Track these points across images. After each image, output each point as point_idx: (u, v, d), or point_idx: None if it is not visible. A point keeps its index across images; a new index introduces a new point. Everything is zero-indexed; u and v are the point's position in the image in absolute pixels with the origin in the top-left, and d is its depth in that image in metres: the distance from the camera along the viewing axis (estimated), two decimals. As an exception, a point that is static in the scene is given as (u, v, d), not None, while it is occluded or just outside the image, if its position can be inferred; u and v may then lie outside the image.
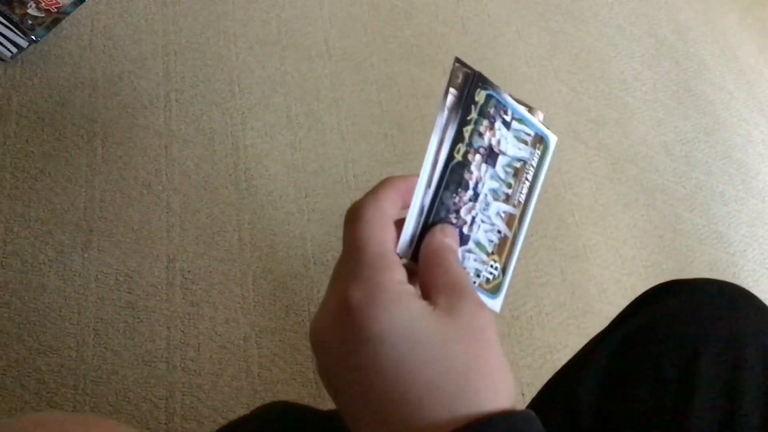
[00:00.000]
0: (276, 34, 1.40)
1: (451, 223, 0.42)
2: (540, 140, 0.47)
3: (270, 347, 1.08)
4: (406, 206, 0.41)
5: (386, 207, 0.39)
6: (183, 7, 1.28)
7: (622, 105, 2.04)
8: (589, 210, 1.73)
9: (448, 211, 0.42)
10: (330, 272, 1.21)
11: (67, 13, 1.12)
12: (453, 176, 0.41)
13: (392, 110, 1.49)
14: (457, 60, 0.42)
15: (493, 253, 0.44)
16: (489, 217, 0.44)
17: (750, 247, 2.05)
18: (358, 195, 1.31)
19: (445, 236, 0.41)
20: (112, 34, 1.17)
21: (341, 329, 0.36)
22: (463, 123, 0.42)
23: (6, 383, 0.86)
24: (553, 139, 0.48)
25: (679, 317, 0.66)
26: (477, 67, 0.43)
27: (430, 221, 0.41)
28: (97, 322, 0.95)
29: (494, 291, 0.44)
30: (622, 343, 0.67)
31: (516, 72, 1.82)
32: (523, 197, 0.46)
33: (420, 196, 0.40)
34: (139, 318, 0.99)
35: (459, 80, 0.42)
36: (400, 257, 0.39)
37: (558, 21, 2.06)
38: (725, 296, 0.67)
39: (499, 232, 0.45)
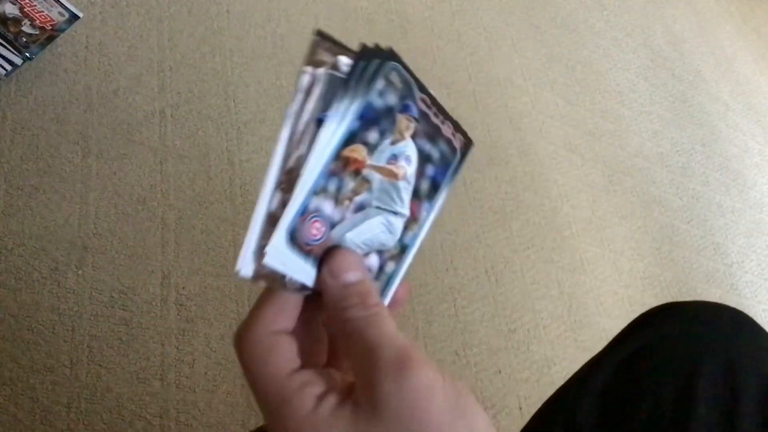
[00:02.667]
0: (271, 48, 1.40)
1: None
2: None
3: (265, 363, 1.07)
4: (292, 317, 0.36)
5: (268, 323, 0.35)
6: (178, 23, 1.29)
7: (618, 117, 2.04)
8: (586, 222, 1.72)
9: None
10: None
11: (62, 30, 1.12)
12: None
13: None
14: (319, 33, 0.36)
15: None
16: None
17: (747, 258, 2.05)
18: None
19: (335, 278, 0.35)
20: (107, 51, 1.18)
21: None
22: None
23: (-1, 402, 0.86)
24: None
25: (677, 340, 0.65)
26: (474, 82, 0.40)
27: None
28: (91, 339, 0.95)
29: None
30: (619, 365, 0.66)
31: (512, 84, 1.83)
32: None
33: (265, 201, 0.34)
34: (133, 335, 0.98)
35: (318, 57, 0.36)
36: (252, 279, 0.34)
37: (554, 34, 2.06)
38: (723, 320, 0.66)
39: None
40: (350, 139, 0.36)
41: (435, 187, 0.41)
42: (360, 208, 0.37)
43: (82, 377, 0.92)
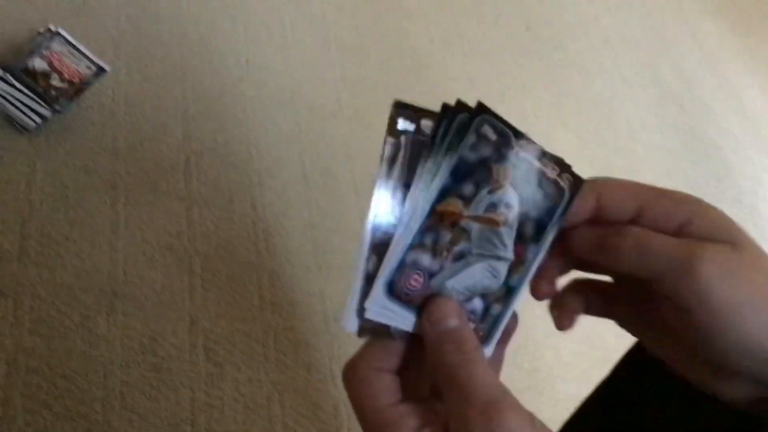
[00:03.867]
0: (290, 95, 1.43)
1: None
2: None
3: (293, 406, 1.08)
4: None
5: (371, 361, 0.38)
6: (200, 74, 1.32)
7: (630, 153, 2.06)
8: (604, 258, 1.73)
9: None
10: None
11: (89, 84, 1.15)
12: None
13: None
14: (398, 104, 0.39)
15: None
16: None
17: (767, 290, 2.04)
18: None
19: (433, 325, 0.38)
20: (133, 102, 1.21)
21: None
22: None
23: (34, 450, 0.87)
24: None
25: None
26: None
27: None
28: (123, 386, 0.96)
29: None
30: (621, 388, 0.67)
31: (524, 123, 1.84)
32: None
33: (362, 264, 0.37)
34: (163, 380, 0.99)
35: (398, 126, 0.39)
36: (358, 334, 0.37)
37: (564, 73, 2.10)
38: None
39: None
40: (444, 194, 0.38)
41: (540, 230, 0.41)
42: (460, 256, 0.39)
43: (115, 424, 0.93)
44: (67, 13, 1.22)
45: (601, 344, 1.55)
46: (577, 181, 0.42)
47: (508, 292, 0.41)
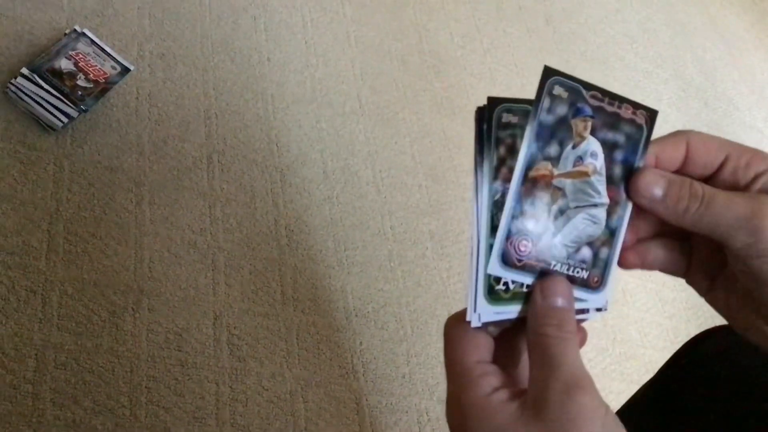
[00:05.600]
0: (311, 92, 1.44)
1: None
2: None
3: (316, 401, 1.09)
4: None
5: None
6: (222, 71, 1.33)
7: (652, 147, 2.05)
8: (626, 253, 1.72)
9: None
10: (371, 324, 1.23)
11: (114, 83, 1.17)
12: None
13: (425, 161, 1.52)
14: (476, 111, 0.42)
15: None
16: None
17: (792, 285, 2.02)
18: (396, 246, 1.34)
19: (544, 298, 0.41)
20: (157, 101, 1.22)
21: None
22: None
23: (63, 443, 0.88)
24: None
25: (728, 356, 0.66)
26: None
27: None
28: (149, 381, 0.98)
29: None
30: (672, 383, 0.67)
31: (545, 119, 1.85)
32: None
33: (473, 267, 0.41)
34: (188, 375, 1.01)
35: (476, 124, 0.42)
36: (478, 328, 0.40)
37: (584, 68, 2.09)
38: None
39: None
40: (533, 160, 0.41)
41: (629, 168, 0.43)
42: (560, 213, 0.42)
43: (142, 418, 0.94)
44: (91, 14, 1.24)
45: (624, 339, 1.54)
46: (651, 114, 0.44)
47: (611, 234, 0.43)
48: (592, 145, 0.42)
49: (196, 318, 1.06)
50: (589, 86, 0.42)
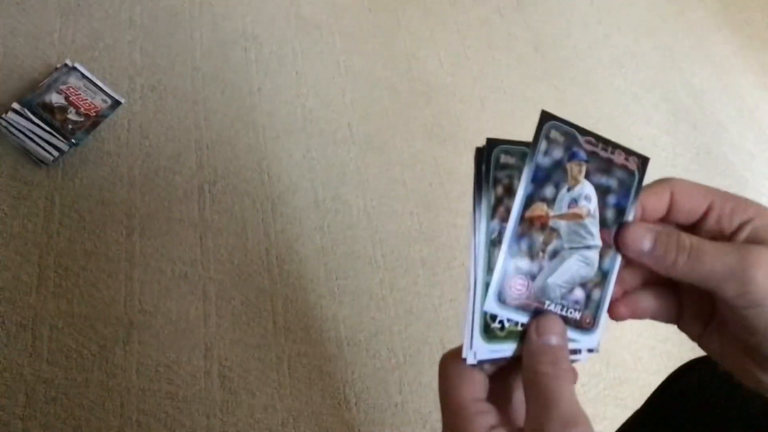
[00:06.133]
0: (301, 122, 1.45)
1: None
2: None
3: (308, 432, 1.09)
4: None
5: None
6: (212, 103, 1.35)
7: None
8: (618, 277, 1.73)
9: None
10: (362, 353, 1.22)
11: (105, 116, 1.18)
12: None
13: (416, 189, 1.53)
14: (476, 151, 0.43)
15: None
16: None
17: (785, 306, 2.02)
18: (387, 275, 1.34)
19: (539, 336, 0.41)
20: (148, 133, 1.23)
21: None
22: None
23: (53, 479, 0.88)
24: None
25: (709, 390, 0.66)
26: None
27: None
28: (140, 414, 0.97)
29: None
30: (656, 422, 0.67)
31: (536, 145, 1.86)
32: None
33: (470, 305, 0.41)
34: (179, 408, 1.01)
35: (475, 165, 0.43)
36: (475, 366, 0.41)
37: (574, 93, 2.11)
38: None
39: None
40: (529, 201, 0.42)
41: (621, 212, 0.45)
42: (554, 254, 0.43)
43: (132, 452, 0.94)
44: (82, 48, 1.25)
45: (617, 363, 1.54)
46: (643, 160, 0.46)
47: (604, 276, 0.45)
48: (586, 188, 0.44)
49: (186, 350, 1.06)
50: (584, 131, 0.44)
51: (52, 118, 1.12)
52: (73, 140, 1.12)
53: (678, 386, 0.69)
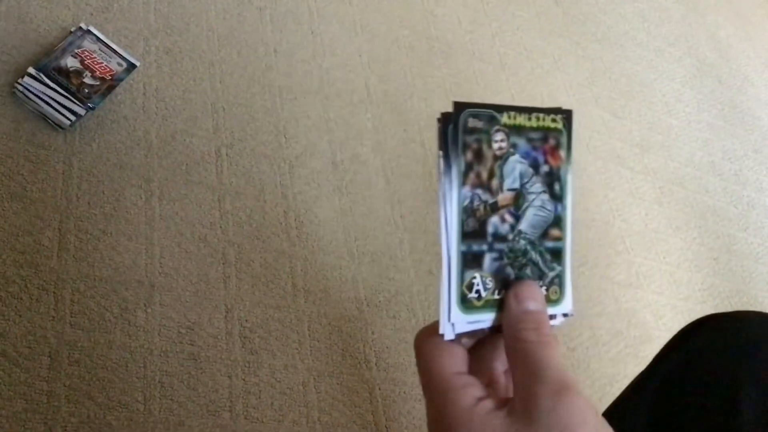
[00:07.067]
0: (318, 83, 1.44)
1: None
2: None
3: (329, 391, 1.10)
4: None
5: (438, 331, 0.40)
6: (228, 65, 1.33)
7: (666, 127, 2.02)
8: (640, 236, 1.71)
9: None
10: (382, 313, 1.22)
11: (121, 80, 1.17)
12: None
13: (434, 149, 1.51)
14: (439, 117, 0.41)
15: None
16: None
17: (810, 263, 2.00)
18: (406, 235, 1.34)
19: (518, 302, 0.40)
20: (164, 96, 1.23)
21: None
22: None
23: (79, 439, 0.90)
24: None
25: (719, 351, 0.66)
26: (518, 101, 0.43)
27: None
28: (163, 375, 0.99)
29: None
30: (663, 381, 0.67)
31: (556, 101, 1.83)
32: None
33: (445, 275, 0.41)
34: (201, 369, 1.02)
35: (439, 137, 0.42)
36: (452, 340, 0.40)
37: (595, 48, 2.07)
38: (764, 325, 0.66)
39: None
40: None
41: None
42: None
43: (156, 412, 0.95)
44: (97, 11, 1.24)
45: (639, 322, 1.54)
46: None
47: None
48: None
49: (207, 312, 1.07)
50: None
51: (68, 82, 1.12)
52: (89, 104, 1.12)
53: (687, 348, 0.68)
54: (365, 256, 1.27)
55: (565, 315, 0.45)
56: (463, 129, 0.41)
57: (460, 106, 0.41)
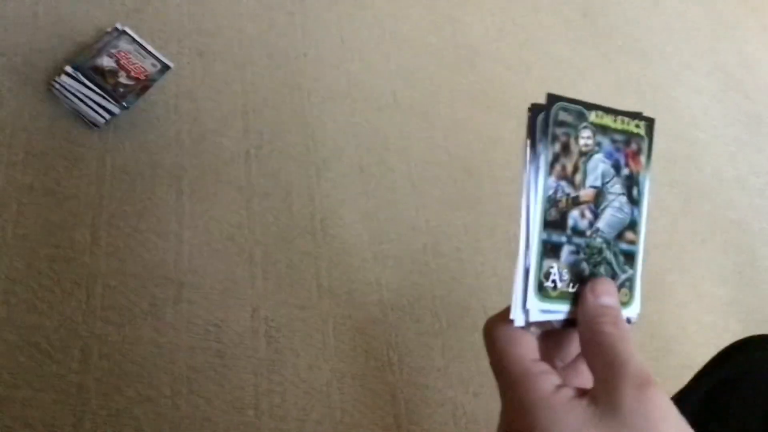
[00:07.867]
0: (346, 87, 1.45)
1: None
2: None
3: (351, 392, 1.10)
4: None
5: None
6: (259, 67, 1.35)
7: (692, 140, 2.02)
8: (665, 248, 1.71)
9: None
10: (406, 317, 1.22)
11: (154, 80, 1.19)
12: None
13: (460, 155, 1.52)
14: (530, 107, 0.43)
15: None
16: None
17: (836, 280, 1.98)
18: (430, 240, 1.35)
19: (596, 296, 0.40)
20: (196, 97, 1.25)
21: None
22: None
23: None
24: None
25: (763, 370, 0.65)
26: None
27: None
28: (189, 371, 1.00)
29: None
30: (705, 396, 0.67)
31: (582, 112, 1.83)
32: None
33: (522, 261, 0.41)
34: (227, 366, 1.03)
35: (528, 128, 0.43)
36: (523, 327, 0.40)
37: (622, 60, 2.07)
38: None
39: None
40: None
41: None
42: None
43: (183, 407, 0.97)
44: (132, 12, 1.27)
45: (662, 335, 1.53)
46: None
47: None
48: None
49: (234, 310, 1.08)
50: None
51: (103, 81, 1.14)
52: (124, 103, 1.14)
53: (731, 363, 0.68)
54: (389, 259, 1.28)
55: (628, 320, 0.45)
56: (554, 121, 0.43)
57: (553, 98, 0.43)
